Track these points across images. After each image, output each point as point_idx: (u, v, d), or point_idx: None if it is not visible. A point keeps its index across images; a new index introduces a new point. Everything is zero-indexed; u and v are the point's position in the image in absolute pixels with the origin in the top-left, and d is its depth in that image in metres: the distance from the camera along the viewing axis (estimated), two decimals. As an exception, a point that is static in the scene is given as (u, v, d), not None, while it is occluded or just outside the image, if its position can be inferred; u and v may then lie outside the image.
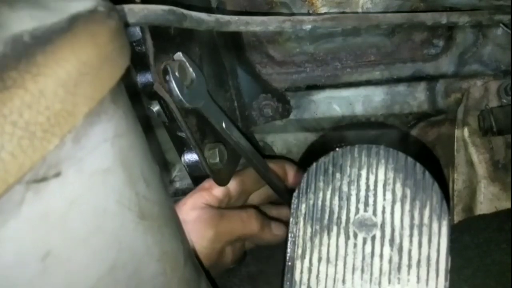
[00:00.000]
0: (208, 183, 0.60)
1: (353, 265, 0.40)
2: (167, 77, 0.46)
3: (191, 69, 0.50)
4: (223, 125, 0.52)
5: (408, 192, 0.41)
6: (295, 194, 0.45)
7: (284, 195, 0.60)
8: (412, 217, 0.40)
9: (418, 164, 0.42)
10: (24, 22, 0.24)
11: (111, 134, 0.29)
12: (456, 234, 0.38)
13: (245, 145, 0.54)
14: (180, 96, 0.47)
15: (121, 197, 0.30)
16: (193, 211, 0.57)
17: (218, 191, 0.59)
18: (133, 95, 0.71)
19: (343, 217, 0.42)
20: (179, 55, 0.48)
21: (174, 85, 0.46)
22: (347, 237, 0.41)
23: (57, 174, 0.25)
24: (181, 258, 0.39)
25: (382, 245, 0.40)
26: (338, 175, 0.43)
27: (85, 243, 0.28)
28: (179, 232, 0.40)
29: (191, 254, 0.43)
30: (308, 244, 0.42)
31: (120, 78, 0.29)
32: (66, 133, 0.25)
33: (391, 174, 0.42)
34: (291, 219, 0.44)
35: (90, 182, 0.28)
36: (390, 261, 0.40)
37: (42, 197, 0.25)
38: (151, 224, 0.33)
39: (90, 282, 0.29)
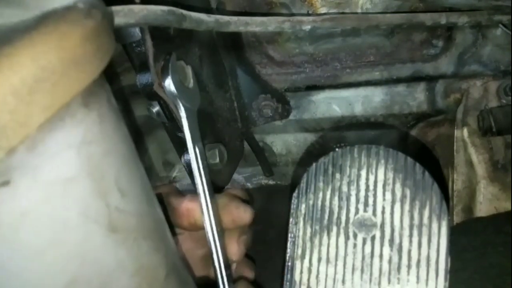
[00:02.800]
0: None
1: (353, 265, 0.40)
2: (167, 77, 0.46)
3: (190, 70, 0.50)
4: (197, 149, 0.49)
5: (407, 192, 0.41)
6: (295, 194, 0.45)
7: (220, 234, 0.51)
8: (411, 217, 0.40)
9: (417, 164, 0.42)
10: None
11: (78, 140, 0.26)
12: (454, 236, 0.38)
13: (205, 177, 0.49)
14: (180, 97, 0.47)
15: (86, 208, 0.28)
16: None
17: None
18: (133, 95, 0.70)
19: (343, 217, 0.42)
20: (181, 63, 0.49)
21: (173, 85, 0.46)
22: (346, 237, 0.41)
23: (6, 183, 0.23)
24: (162, 272, 0.36)
25: (381, 245, 0.40)
26: (337, 176, 0.43)
27: (39, 256, 0.26)
28: (162, 245, 0.37)
29: (176, 267, 0.39)
30: (308, 244, 0.42)
31: (97, 79, 0.27)
32: (17, 144, 0.23)
33: (390, 174, 0.42)
34: (291, 219, 0.44)
35: (47, 192, 0.25)
36: (389, 261, 0.40)
37: None
38: (124, 237, 0.31)
39: None
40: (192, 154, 0.48)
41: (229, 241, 0.52)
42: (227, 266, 0.48)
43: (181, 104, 0.47)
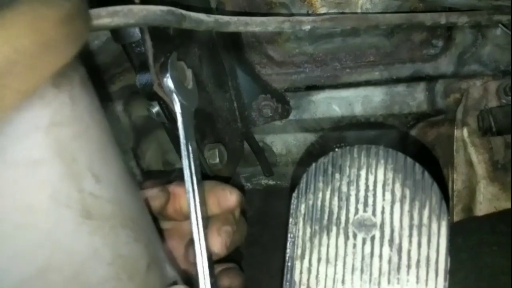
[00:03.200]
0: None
1: (353, 265, 0.40)
2: (166, 74, 0.46)
3: (190, 73, 0.50)
4: (189, 146, 0.47)
5: (407, 192, 0.41)
6: (294, 194, 0.45)
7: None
8: (411, 217, 0.40)
9: (417, 165, 0.42)
10: None
11: (46, 122, 0.25)
12: (450, 236, 0.38)
13: (196, 172, 0.47)
14: (177, 93, 0.46)
15: (55, 192, 0.26)
16: None
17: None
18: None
19: (343, 218, 0.42)
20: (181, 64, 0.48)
21: (171, 81, 0.46)
22: (346, 238, 0.41)
23: None
24: (143, 263, 0.34)
25: (381, 245, 0.40)
26: (337, 176, 0.43)
27: (6, 241, 0.25)
28: (143, 235, 0.35)
29: (159, 260, 0.38)
30: (308, 245, 0.42)
31: (70, 61, 0.26)
32: None
33: (390, 175, 0.42)
34: (290, 220, 0.44)
35: (14, 174, 0.24)
36: (389, 261, 0.40)
37: None
38: (100, 224, 0.30)
39: (12, 283, 0.26)
40: (184, 151, 0.47)
41: (210, 230, 0.49)
42: (210, 257, 0.46)
43: (177, 100, 0.47)
